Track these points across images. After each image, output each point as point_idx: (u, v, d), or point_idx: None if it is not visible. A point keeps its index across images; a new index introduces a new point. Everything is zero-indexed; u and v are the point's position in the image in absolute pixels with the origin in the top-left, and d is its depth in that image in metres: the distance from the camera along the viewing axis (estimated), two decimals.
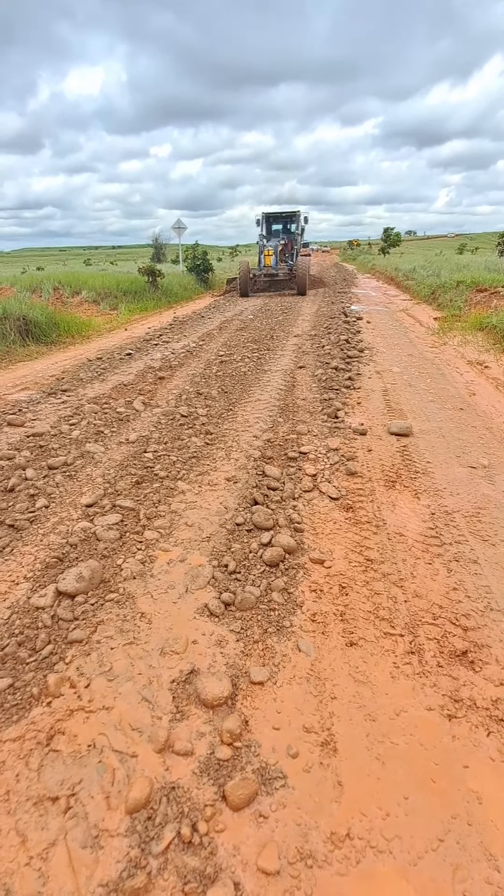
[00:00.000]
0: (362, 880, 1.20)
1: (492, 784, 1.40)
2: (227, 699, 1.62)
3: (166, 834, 1.25)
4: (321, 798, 1.36)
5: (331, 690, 1.69)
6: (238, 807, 1.32)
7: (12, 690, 1.65)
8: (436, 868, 1.22)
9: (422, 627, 1.96)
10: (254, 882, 1.18)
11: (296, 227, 17.03)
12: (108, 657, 1.80)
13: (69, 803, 1.33)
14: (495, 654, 1.84)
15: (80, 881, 1.17)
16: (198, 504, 2.89)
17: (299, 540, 2.51)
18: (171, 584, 2.20)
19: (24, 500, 2.90)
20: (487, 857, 1.24)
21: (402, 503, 2.92)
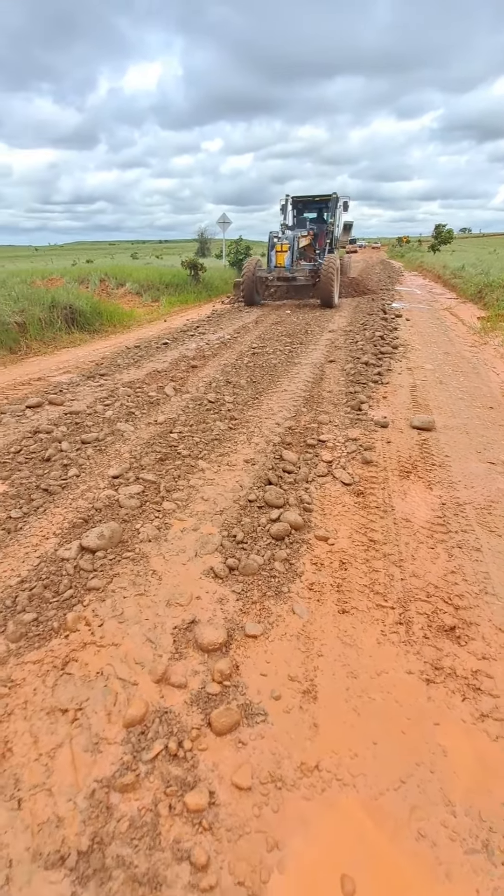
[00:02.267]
0: (325, 806, 1.33)
1: (459, 741, 1.50)
2: (221, 646, 1.78)
3: (156, 746, 1.43)
4: (297, 735, 1.50)
5: (318, 649, 1.82)
6: (221, 732, 1.48)
7: (35, 623, 1.88)
8: (395, 805, 1.34)
9: (414, 603, 2.05)
10: (227, 794, 1.34)
11: (330, 215, 12.81)
12: (121, 604, 2.00)
13: (76, 715, 1.54)
14: (482, 631, 1.91)
15: (79, 776, 1.37)
16: (215, 481, 3.06)
17: (307, 518, 2.64)
18: (182, 548, 2.38)
19: (58, 468, 3.17)
20: (445, 802, 1.34)
21: (414, 492, 2.99)
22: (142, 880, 1.14)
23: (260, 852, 1.22)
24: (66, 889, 1.13)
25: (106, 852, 1.20)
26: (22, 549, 2.37)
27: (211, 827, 1.26)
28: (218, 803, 1.31)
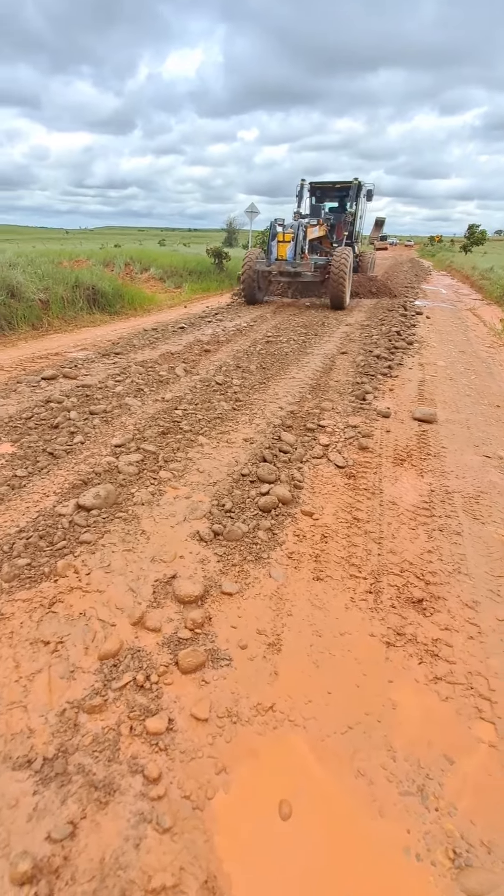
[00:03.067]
0: (275, 741, 1.44)
1: (409, 698, 1.58)
2: (197, 598, 1.90)
3: (125, 677, 1.56)
4: (257, 680, 1.61)
5: (288, 609, 1.92)
6: (186, 671, 1.60)
7: (29, 568, 2.03)
8: (339, 746, 1.43)
9: (387, 576, 2.13)
10: (185, 722, 1.45)
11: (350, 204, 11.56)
12: (109, 557, 2.13)
13: (56, 647, 1.67)
14: (449, 605, 1.98)
15: (53, 697, 1.50)
16: (212, 456, 3.17)
17: (295, 494, 2.73)
18: (172, 512, 2.50)
19: (65, 435, 3.32)
20: (387, 748, 1.43)
21: (405, 478, 3.04)
22: (98, 786, 1.27)
23: (209, 774, 1.33)
24: (30, 787, 1.26)
25: (69, 760, 1.32)
26: (23, 503, 2.52)
27: (166, 748, 1.38)
28: (175, 730, 1.43)
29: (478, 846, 1.21)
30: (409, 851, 1.19)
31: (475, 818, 1.26)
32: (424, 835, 1.23)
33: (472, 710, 1.55)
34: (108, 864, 1.11)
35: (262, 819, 1.24)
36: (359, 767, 1.38)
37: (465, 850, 1.20)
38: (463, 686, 1.63)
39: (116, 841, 1.16)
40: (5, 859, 1.10)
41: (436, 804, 1.29)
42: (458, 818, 1.26)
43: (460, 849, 1.20)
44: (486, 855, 1.19)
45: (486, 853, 1.19)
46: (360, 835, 1.22)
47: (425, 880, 1.14)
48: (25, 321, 7.14)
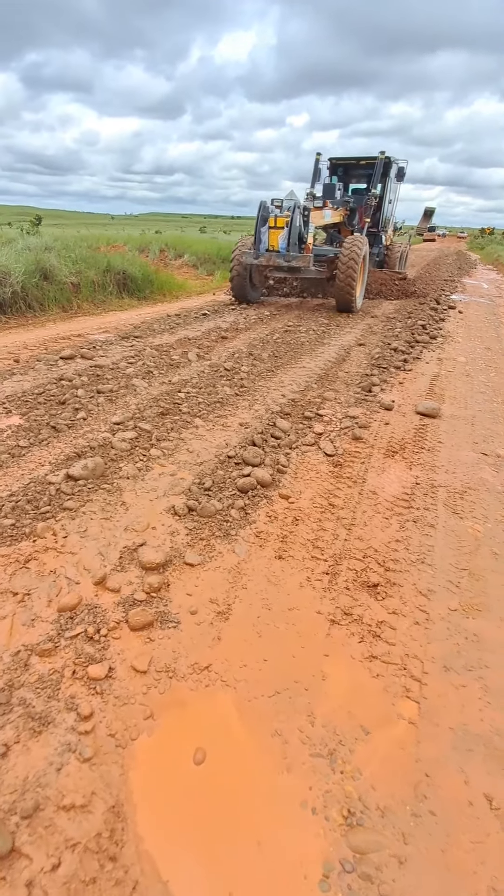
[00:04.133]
0: (205, 697, 1.54)
1: (341, 672, 1.65)
2: (159, 566, 2.02)
3: (77, 628, 1.70)
4: (199, 643, 1.72)
5: (244, 582, 2.01)
6: (134, 628, 1.72)
7: (12, 528, 2.20)
8: (263, 708, 1.52)
9: (347, 560, 2.18)
10: (124, 671, 1.58)
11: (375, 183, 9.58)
12: (86, 523, 2.28)
13: (23, 598, 1.83)
14: (402, 592, 2.01)
15: (11, 640, 1.66)
16: (205, 438, 3.28)
17: (276, 478, 2.80)
18: (154, 488, 2.63)
19: (69, 411, 3.51)
20: (308, 714, 1.51)
21: (392, 470, 3.05)
22: (35, 717, 1.42)
23: (137, 718, 1.45)
24: None
25: (13, 694, 1.48)
26: (19, 470, 2.71)
27: (102, 692, 1.51)
28: (114, 678, 1.56)
29: (373, 809, 1.28)
30: (307, 805, 1.28)
31: (377, 785, 1.33)
32: (325, 793, 1.31)
33: (399, 689, 1.60)
34: (30, 781, 1.26)
35: (176, 761, 1.36)
36: (277, 728, 1.46)
37: (360, 811, 1.27)
38: (397, 666, 1.68)
39: (41, 764, 1.30)
40: None
41: (342, 768, 1.37)
42: (361, 783, 1.33)
43: (355, 809, 1.27)
44: (379, 818, 1.26)
45: (379, 816, 1.26)
46: (264, 785, 1.32)
47: (315, 833, 1.22)
48: (56, 303, 7.44)
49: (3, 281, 6.55)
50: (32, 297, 7.09)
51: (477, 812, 1.29)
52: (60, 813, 1.20)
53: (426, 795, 1.31)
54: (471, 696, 1.59)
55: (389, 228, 11.32)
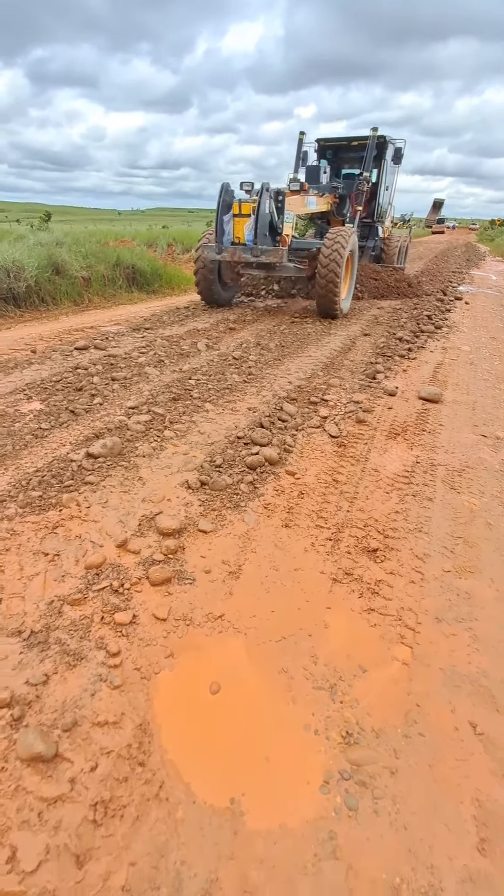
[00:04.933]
0: (218, 641, 1.72)
1: (341, 622, 1.82)
2: (175, 531, 2.20)
3: (103, 583, 1.88)
4: (213, 597, 1.89)
5: (253, 547, 2.18)
6: (155, 583, 1.90)
7: (39, 499, 2.39)
8: (271, 650, 1.69)
9: (349, 528, 2.34)
10: (146, 619, 1.76)
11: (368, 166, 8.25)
12: (107, 495, 2.46)
13: (53, 558, 2.02)
14: (400, 556, 2.17)
15: (45, 592, 1.85)
16: (215, 421, 3.45)
17: (283, 456, 2.96)
18: (168, 465, 2.81)
19: (86, 397, 3.69)
20: (311, 655, 1.68)
21: (394, 450, 3.20)
22: (70, 653, 1.60)
23: (158, 657, 1.63)
24: (17, 648, 1.61)
25: (50, 635, 1.66)
26: (43, 450, 2.90)
27: (128, 635, 1.69)
28: (138, 623, 1.74)
29: (368, 731, 1.44)
30: (309, 728, 1.45)
31: (372, 712, 1.50)
32: (325, 718, 1.48)
33: (395, 636, 1.77)
34: (68, 703, 1.44)
35: (194, 691, 1.53)
36: (283, 666, 1.64)
37: (357, 732, 1.44)
38: (393, 617, 1.84)
39: (77, 690, 1.48)
40: None
41: (341, 699, 1.53)
42: (358, 710, 1.50)
43: (353, 731, 1.44)
44: (374, 738, 1.43)
45: (374, 737, 1.43)
46: (272, 712, 1.49)
47: (317, 749, 1.39)
48: (68, 297, 7.63)
49: (17, 275, 6.74)
50: (45, 291, 7.29)
51: (462, 736, 1.45)
52: (95, 728, 1.38)
53: (416, 721, 1.47)
54: (460, 643, 1.75)
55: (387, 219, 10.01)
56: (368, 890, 1.10)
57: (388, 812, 1.25)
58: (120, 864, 1.11)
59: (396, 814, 1.25)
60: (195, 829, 1.18)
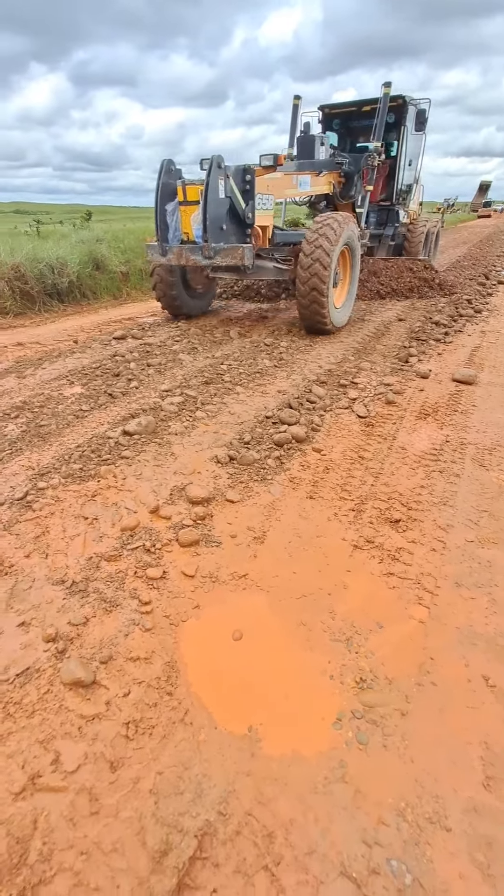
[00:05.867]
0: (242, 596, 1.83)
1: (361, 584, 1.89)
2: (203, 500, 2.33)
3: (137, 543, 2.04)
4: (239, 558, 2.01)
5: (278, 516, 2.28)
6: (184, 545, 2.04)
7: (80, 470, 2.59)
8: (292, 606, 1.79)
9: (373, 501, 2.39)
10: (176, 575, 1.90)
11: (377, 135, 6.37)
12: (141, 468, 2.63)
13: (92, 522, 2.20)
14: (423, 526, 2.21)
15: (85, 550, 2.03)
16: (246, 402, 3.56)
17: (310, 435, 3.03)
18: (199, 442, 2.94)
19: (123, 381, 3.89)
20: (329, 611, 1.77)
21: (423, 430, 3.20)
22: (106, 601, 1.76)
23: (186, 607, 1.77)
24: (61, 595, 1.78)
25: (89, 585, 1.83)
26: (83, 429, 3.11)
27: (158, 588, 1.83)
28: (168, 578, 1.88)
29: (381, 679, 1.52)
30: (325, 673, 1.54)
31: (386, 663, 1.57)
32: (341, 666, 1.56)
33: (413, 598, 1.82)
34: (105, 641, 1.60)
35: (218, 637, 1.65)
36: (302, 620, 1.73)
37: (371, 679, 1.51)
38: (412, 581, 1.89)
39: (112, 631, 1.64)
40: (40, 627, 1.63)
41: (357, 650, 1.61)
42: (373, 660, 1.58)
43: (367, 678, 1.52)
44: (387, 685, 1.50)
45: (386, 684, 1.50)
46: (290, 658, 1.59)
47: (331, 692, 1.48)
48: (107, 292, 7.95)
49: (61, 271, 7.10)
50: (86, 286, 7.63)
51: (474, 687, 1.50)
52: (129, 662, 1.53)
53: (429, 671, 1.53)
54: (478, 606, 1.78)
55: (411, 201, 8.18)
56: (374, 810, 1.18)
57: (397, 747, 1.32)
58: (148, 772, 1.24)
59: (405, 749, 1.32)
60: (216, 750, 1.30)
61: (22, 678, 1.47)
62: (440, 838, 1.13)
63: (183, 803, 1.18)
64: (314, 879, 1.06)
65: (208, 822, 1.15)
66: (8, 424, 3.19)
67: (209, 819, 1.15)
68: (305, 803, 1.19)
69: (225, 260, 4.58)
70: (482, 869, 1.10)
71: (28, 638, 1.61)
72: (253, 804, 1.19)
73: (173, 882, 1.03)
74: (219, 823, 1.14)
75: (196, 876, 1.06)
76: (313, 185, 6.00)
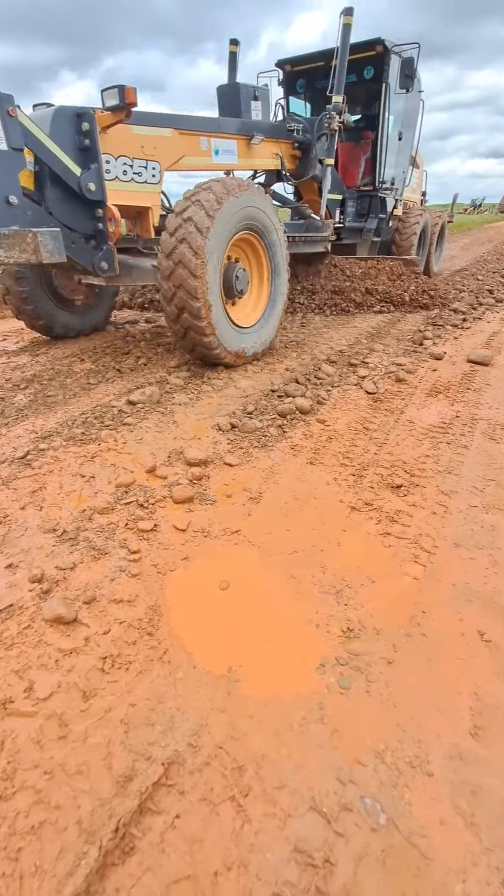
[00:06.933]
0: (232, 550, 1.79)
1: (355, 543, 1.83)
2: (201, 462, 2.30)
3: (130, 498, 2.03)
4: (232, 516, 1.97)
5: (276, 479, 2.23)
6: (177, 501, 2.02)
7: (82, 434, 2.60)
8: (282, 560, 1.74)
9: (374, 468, 2.33)
10: (167, 528, 1.88)
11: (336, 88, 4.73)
12: (142, 433, 2.62)
13: (89, 480, 2.20)
14: (425, 492, 2.13)
15: (80, 504, 2.02)
16: (253, 378, 3.53)
17: (315, 407, 2.98)
18: (202, 411, 2.92)
19: (132, 359, 3.91)
20: (321, 566, 1.71)
21: (433, 405, 3.11)
22: (95, 549, 1.75)
23: (175, 559, 1.74)
24: (52, 542, 1.78)
25: (80, 535, 1.82)
26: (89, 399, 3.13)
27: (148, 539, 1.81)
28: (158, 531, 1.86)
29: (369, 629, 1.46)
30: (311, 622, 1.49)
31: (375, 615, 1.51)
32: (328, 616, 1.51)
33: (408, 556, 1.75)
34: (90, 585, 1.59)
35: (205, 586, 1.62)
36: (292, 573, 1.68)
37: (358, 629, 1.46)
38: (409, 541, 1.83)
39: (99, 577, 1.63)
40: (27, 570, 1.63)
41: (346, 602, 1.56)
42: (361, 612, 1.52)
43: (354, 627, 1.46)
44: (374, 635, 1.44)
45: (374, 634, 1.44)
46: (276, 607, 1.54)
47: (316, 640, 1.43)
48: None
49: None
50: None
51: (467, 641, 1.42)
52: (112, 604, 1.51)
53: (420, 623, 1.47)
54: (477, 566, 1.70)
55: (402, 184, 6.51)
56: (350, 750, 1.13)
57: (380, 693, 1.26)
58: (121, 703, 1.22)
59: (388, 695, 1.26)
60: (192, 687, 1.27)
61: (3, 614, 1.47)
62: (420, 782, 1.07)
63: (153, 734, 1.15)
64: (282, 812, 1.01)
65: (177, 752, 1.11)
66: None
67: (178, 749, 1.12)
68: (279, 739, 1.15)
69: (9, 253, 2.68)
70: (465, 816, 1.03)
71: (14, 578, 1.61)
72: (225, 738, 1.15)
73: (134, 803, 1.00)
74: (188, 754, 1.11)
75: (160, 801, 1.02)
76: (243, 155, 4.31)
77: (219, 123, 4.16)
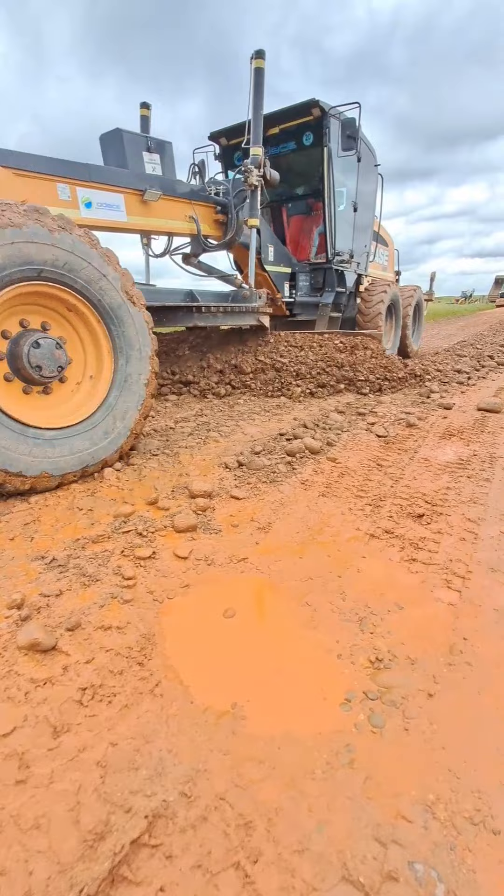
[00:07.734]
0: (238, 579, 1.59)
1: (376, 569, 1.62)
2: (206, 494, 2.16)
3: (129, 527, 1.87)
4: (239, 544, 1.79)
5: (285, 510, 2.07)
6: (179, 530, 1.85)
7: None
8: (295, 587, 1.54)
9: (391, 499, 2.16)
10: (167, 556, 1.70)
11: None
12: (145, 473, 2.51)
13: (87, 512, 2.05)
14: (450, 520, 1.95)
15: (75, 534, 1.86)
16: (261, 426, 3.48)
17: (325, 448, 2.88)
18: (208, 453, 2.83)
19: None
20: (339, 593, 1.50)
21: (448, 446, 2.99)
22: (86, 576, 1.56)
23: (174, 586, 1.54)
24: (37, 568, 1.60)
25: (70, 562, 1.65)
26: None
27: (146, 566, 1.63)
28: (157, 558, 1.68)
29: (402, 658, 1.22)
30: (332, 652, 1.26)
31: (408, 643, 1.28)
32: (351, 645, 1.28)
33: (439, 581, 1.54)
34: (75, 611, 1.39)
35: (207, 614, 1.41)
36: (307, 601, 1.47)
37: (389, 659, 1.22)
38: (438, 566, 1.62)
39: (87, 604, 1.43)
40: (7, 596, 1.44)
41: (371, 630, 1.33)
42: (391, 640, 1.29)
43: (383, 657, 1.23)
44: (409, 665, 1.20)
45: (408, 664, 1.21)
46: (289, 636, 1.32)
47: (339, 672, 1.20)
48: None
49: None
50: None
51: None
52: (98, 631, 1.30)
53: (462, 651, 1.23)
54: None
55: (364, 259, 6.24)
56: (391, 802, 0.87)
57: (423, 731, 1.01)
58: (99, 742, 0.98)
59: (433, 734, 1.00)
60: (188, 724, 1.03)
61: None
62: (485, 842, 0.80)
63: (137, 780, 0.91)
64: (304, 885, 0.75)
65: (166, 802, 0.86)
66: None
67: (167, 799, 0.87)
68: (297, 789, 0.89)
69: None
70: None
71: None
72: (228, 786, 0.90)
73: (104, 868, 0.74)
74: (179, 806, 0.86)
75: (139, 867, 0.77)
76: (136, 213, 3.66)
77: (89, 170, 3.28)
